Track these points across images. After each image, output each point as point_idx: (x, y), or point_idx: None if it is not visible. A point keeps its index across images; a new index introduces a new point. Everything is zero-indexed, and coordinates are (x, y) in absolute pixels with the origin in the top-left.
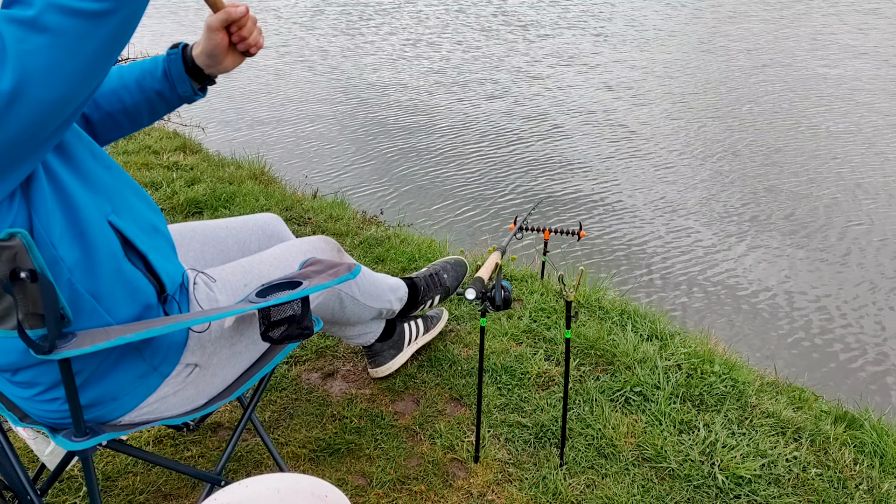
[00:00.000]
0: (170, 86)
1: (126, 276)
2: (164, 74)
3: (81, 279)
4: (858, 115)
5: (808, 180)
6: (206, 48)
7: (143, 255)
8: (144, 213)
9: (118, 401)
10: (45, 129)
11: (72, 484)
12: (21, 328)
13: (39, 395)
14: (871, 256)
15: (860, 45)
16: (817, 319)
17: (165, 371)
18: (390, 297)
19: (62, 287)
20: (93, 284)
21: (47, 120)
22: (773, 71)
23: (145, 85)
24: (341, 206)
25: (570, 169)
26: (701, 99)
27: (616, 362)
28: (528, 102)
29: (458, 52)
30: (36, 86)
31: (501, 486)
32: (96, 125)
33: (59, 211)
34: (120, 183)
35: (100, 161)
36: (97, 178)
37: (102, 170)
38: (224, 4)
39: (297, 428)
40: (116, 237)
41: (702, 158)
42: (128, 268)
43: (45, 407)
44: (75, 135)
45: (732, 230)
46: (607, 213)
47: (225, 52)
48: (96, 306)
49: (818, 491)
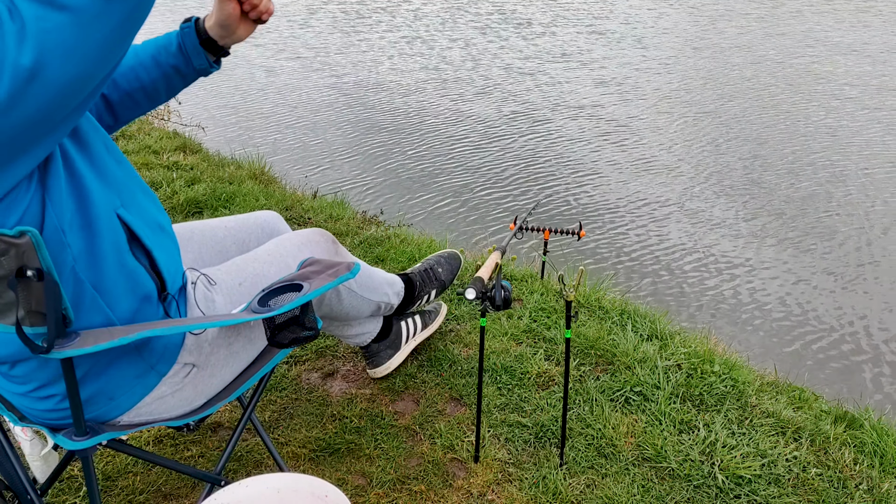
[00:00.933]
0: (185, 59)
1: (129, 269)
2: (178, 49)
3: (85, 269)
4: (874, 119)
5: (808, 180)
6: (218, 19)
7: (149, 250)
8: (151, 212)
9: (115, 400)
10: (63, 108)
11: (72, 484)
12: (19, 326)
13: (34, 391)
14: (871, 256)
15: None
16: (817, 319)
17: (162, 370)
18: (388, 290)
19: (65, 276)
20: (95, 275)
21: (66, 98)
22: (772, 72)
23: (161, 60)
24: (341, 206)
25: (570, 169)
26: (702, 99)
27: (616, 362)
28: (528, 102)
29: (458, 51)
30: (55, 63)
31: (501, 486)
32: (115, 105)
33: (71, 198)
34: (129, 179)
35: (112, 155)
36: (109, 171)
37: (115, 164)
38: None
39: (297, 428)
40: (123, 230)
41: (702, 158)
42: (131, 261)
43: (40, 405)
44: (92, 126)
45: (733, 230)
46: (607, 213)
47: (237, 21)
48: (97, 298)
49: (818, 491)
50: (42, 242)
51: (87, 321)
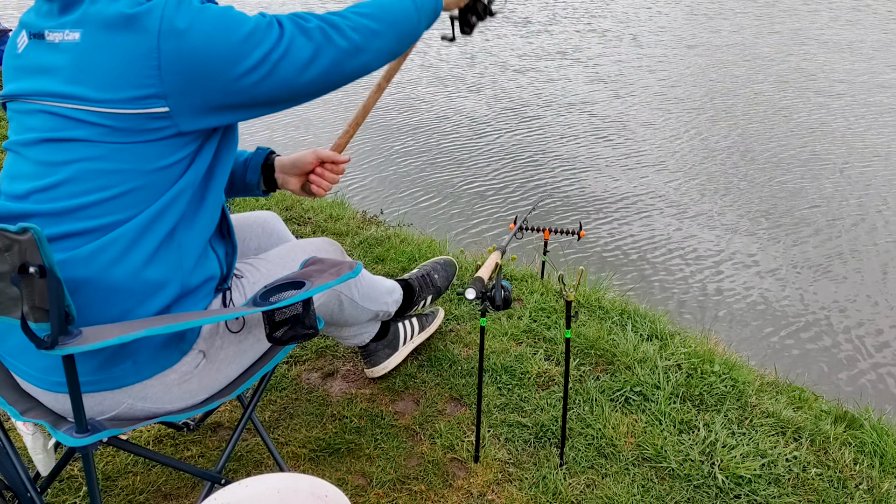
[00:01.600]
0: (243, 170)
1: (208, 252)
2: (244, 161)
3: (182, 232)
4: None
5: (809, 179)
6: (294, 159)
7: (234, 242)
8: None
9: (137, 365)
10: (276, 104)
11: (72, 484)
12: (24, 321)
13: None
14: (871, 256)
15: None
16: (817, 319)
17: (184, 349)
18: (387, 299)
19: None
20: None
21: (284, 97)
22: (772, 73)
23: None
24: (341, 205)
25: (570, 168)
26: (704, 100)
27: (616, 362)
28: (528, 102)
29: (457, 50)
30: (300, 70)
31: (501, 486)
32: None
33: (205, 172)
34: None
35: None
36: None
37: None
38: (342, 149)
39: (297, 428)
40: (219, 218)
41: (702, 158)
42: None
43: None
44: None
45: (733, 230)
46: (607, 213)
47: (302, 172)
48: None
49: (818, 491)
50: (44, 238)
51: (166, 276)
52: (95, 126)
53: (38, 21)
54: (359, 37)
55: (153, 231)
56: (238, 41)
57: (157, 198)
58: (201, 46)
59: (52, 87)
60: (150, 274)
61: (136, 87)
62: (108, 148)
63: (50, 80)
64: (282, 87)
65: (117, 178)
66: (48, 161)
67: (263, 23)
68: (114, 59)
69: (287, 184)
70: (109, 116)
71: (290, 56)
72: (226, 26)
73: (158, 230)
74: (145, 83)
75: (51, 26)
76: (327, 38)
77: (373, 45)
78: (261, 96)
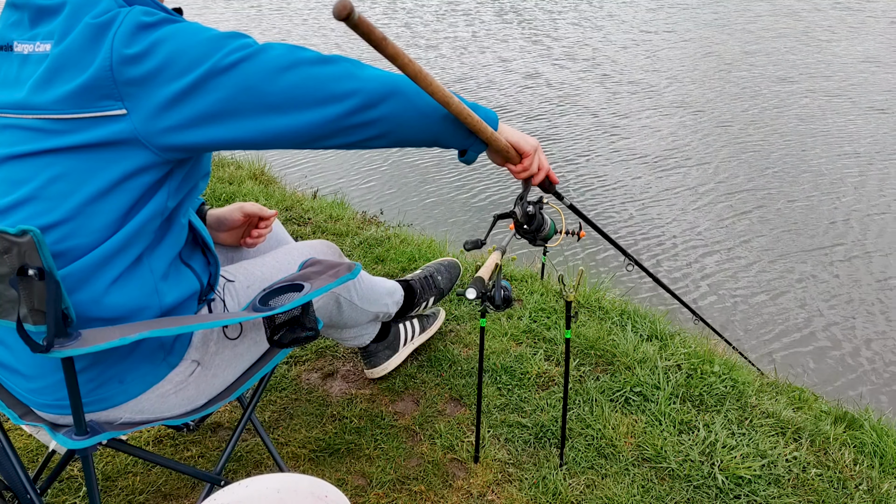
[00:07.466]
0: None
1: (181, 269)
2: None
3: (151, 258)
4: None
5: (809, 180)
6: (220, 216)
7: (211, 249)
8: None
9: (124, 384)
10: (285, 142)
11: (71, 484)
12: (20, 323)
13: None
14: (871, 256)
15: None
16: (817, 319)
17: (173, 362)
18: (387, 300)
19: (131, 257)
20: (158, 264)
21: (299, 141)
22: (772, 77)
23: None
24: (341, 206)
25: (569, 168)
26: (705, 100)
27: (616, 362)
28: (527, 102)
29: (456, 50)
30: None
31: (501, 487)
32: None
33: (173, 193)
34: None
35: None
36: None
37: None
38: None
39: (297, 428)
40: (188, 235)
41: (702, 158)
42: (183, 263)
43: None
44: None
45: (733, 230)
46: (607, 213)
47: (230, 228)
48: (157, 284)
49: (818, 491)
50: (44, 241)
51: (140, 302)
52: (56, 134)
53: (6, 32)
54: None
55: (120, 258)
56: (206, 39)
57: (122, 224)
58: (163, 53)
59: (18, 99)
60: (119, 300)
61: (99, 99)
62: (70, 161)
63: (18, 91)
64: (250, 92)
65: (79, 196)
66: (11, 179)
67: (228, 33)
68: (79, 70)
69: (217, 239)
70: (68, 122)
71: (264, 55)
72: (194, 31)
73: (125, 256)
74: (106, 94)
75: (21, 38)
76: (319, 58)
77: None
78: (227, 101)
